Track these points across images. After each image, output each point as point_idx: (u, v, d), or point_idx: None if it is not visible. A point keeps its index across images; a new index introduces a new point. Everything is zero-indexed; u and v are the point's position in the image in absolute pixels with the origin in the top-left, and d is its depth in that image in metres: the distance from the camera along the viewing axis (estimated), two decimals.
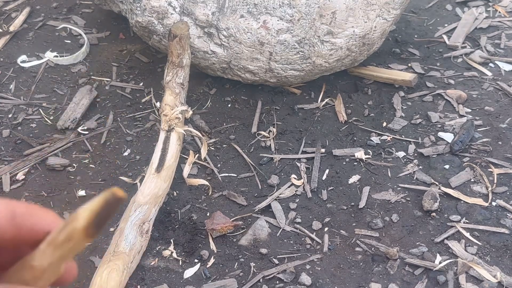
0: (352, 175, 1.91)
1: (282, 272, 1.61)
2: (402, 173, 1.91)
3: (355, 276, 1.60)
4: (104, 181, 1.91)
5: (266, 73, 2.09)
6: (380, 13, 2.07)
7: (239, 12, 1.99)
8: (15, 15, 2.74)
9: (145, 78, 2.36)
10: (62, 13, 2.78)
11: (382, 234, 1.72)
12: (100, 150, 2.03)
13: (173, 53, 1.97)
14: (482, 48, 2.47)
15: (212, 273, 1.62)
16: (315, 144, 2.03)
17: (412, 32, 2.62)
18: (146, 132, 2.10)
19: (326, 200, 1.83)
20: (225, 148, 2.03)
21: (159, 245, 1.70)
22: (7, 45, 2.56)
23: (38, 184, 1.90)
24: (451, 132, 2.05)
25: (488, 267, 1.60)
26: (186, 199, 1.84)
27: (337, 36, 2.02)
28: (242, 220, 1.77)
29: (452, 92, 2.23)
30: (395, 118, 2.12)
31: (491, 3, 2.78)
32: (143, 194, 1.70)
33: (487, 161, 1.93)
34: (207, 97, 2.24)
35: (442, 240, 1.69)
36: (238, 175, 1.93)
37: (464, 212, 1.77)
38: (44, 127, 2.13)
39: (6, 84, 2.34)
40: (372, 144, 2.02)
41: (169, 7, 2.05)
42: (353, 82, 2.32)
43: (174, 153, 1.83)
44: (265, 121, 2.14)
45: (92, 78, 2.37)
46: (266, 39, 1.98)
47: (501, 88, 2.26)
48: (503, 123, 2.09)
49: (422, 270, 1.61)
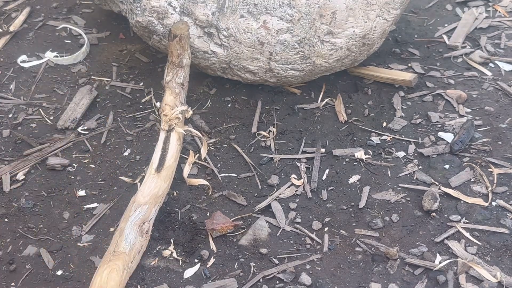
0: (352, 175, 1.91)
1: (282, 272, 1.61)
2: (402, 173, 1.91)
3: (355, 276, 1.60)
4: (104, 181, 1.91)
5: (266, 73, 2.09)
6: (380, 13, 2.07)
7: (239, 12, 1.99)
8: (15, 15, 2.75)
9: (145, 78, 2.36)
10: (62, 13, 2.78)
11: (382, 234, 1.72)
12: (100, 150, 2.03)
13: (173, 53, 1.97)
14: (482, 48, 2.47)
15: (212, 273, 1.62)
16: (315, 144, 2.03)
17: (412, 32, 2.62)
18: (146, 132, 2.10)
19: (326, 200, 1.83)
20: (225, 148, 2.03)
21: (159, 245, 1.70)
22: (7, 45, 2.56)
23: (38, 184, 1.90)
24: (451, 132, 2.05)
25: (488, 267, 1.60)
26: (186, 199, 1.84)
27: (337, 36, 2.02)
28: (242, 220, 1.77)
29: (452, 92, 2.23)
30: (395, 118, 2.12)
31: (491, 3, 2.78)
32: (143, 194, 1.70)
33: (487, 161, 1.93)
34: (207, 97, 2.24)
35: (442, 240, 1.69)
36: (238, 175, 1.93)
37: (464, 212, 1.77)
38: (44, 127, 2.13)
39: (6, 84, 2.34)
40: (372, 144, 2.02)
41: (169, 7, 2.05)
42: (353, 82, 2.32)
43: (174, 153, 1.83)
44: (265, 121, 2.14)
45: (92, 78, 2.37)
46: (266, 39, 1.98)
47: (501, 88, 2.26)
48: (503, 123, 2.09)
49: (422, 270, 1.61)
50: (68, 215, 1.79)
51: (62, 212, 1.80)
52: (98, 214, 1.79)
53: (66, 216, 1.79)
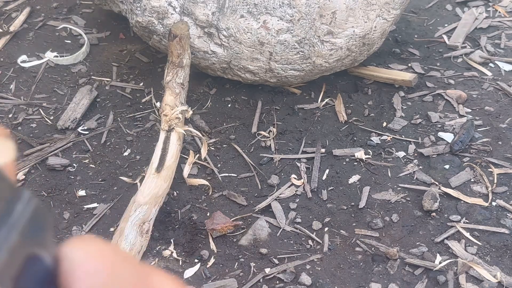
0: (352, 175, 1.91)
1: (282, 272, 1.61)
2: (402, 173, 1.91)
3: (355, 276, 1.60)
4: (104, 181, 1.91)
5: (266, 73, 2.09)
6: (380, 13, 2.07)
7: (239, 12, 1.99)
8: (15, 15, 2.75)
9: (145, 78, 2.36)
10: (62, 13, 2.78)
11: (382, 234, 1.72)
12: (100, 150, 2.03)
13: (173, 53, 1.97)
14: (482, 48, 2.47)
15: (212, 273, 1.62)
16: (315, 144, 2.03)
17: (412, 32, 2.62)
18: (146, 132, 2.10)
19: (326, 200, 1.83)
20: (225, 148, 2.03)
21: (159, 245, 1.70)
22: (7, 45, 2.56)
23: (38, 184, 1.90)
24: (451, 132, 2.05)
25: (488, 267, 1.60)
26: (186, 199, 1.84)
27: (337, 36, 2.02)
28: (242, 220, 1.77)
29: (452, 92, 2.23)
30: (395, 118, 2.12)
31: (491, 3, 2.78)
32: (143, 194, 1.70)
33: (487, 161, 1.93)
34: (207, 97, 2.24)
35: (442, 240, 1.69)
36: (238, 175, 1.93)
37: (464, 212, 1.77)
38: (44, 127, 2.13)
39: (6, 84, 2.34)
40: (372, 144, 2.02)
41: (169, 7, 2.05)
42: (353, 82, 2.32)
43: (174, 153, 1.83)
44: (265, 121, 2.14)
45: (92, 78, 2.37)
46: (266, 39, 1.98)
47: (501, 88, 2.26)
48: (503, 123, 2.09)
49: (422, 270, 1.61)
50: (68, 215, 1.79)
51: (62, 212, 1.80)
52: (98, 214, 1.79)
53: (66, 216, 1.79)
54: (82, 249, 0.31)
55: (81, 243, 0.31)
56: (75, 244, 0.31)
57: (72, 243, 0.31)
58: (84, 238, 0.32)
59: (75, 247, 0.31)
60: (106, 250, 0.31)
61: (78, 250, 0.31)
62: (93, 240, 0.32)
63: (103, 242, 0.32)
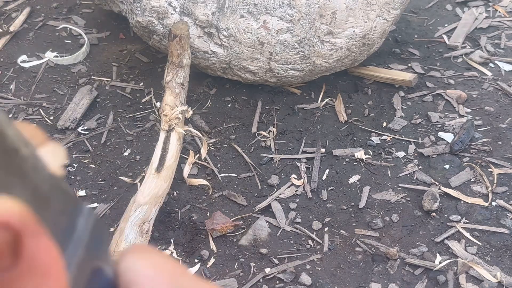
0: (352, 175, 1.91)
1: (282, 272, 1.61)
2: (402, 173, 1.91)
3: (355, 276, 1.60)
4: (104, 181, 1.91)
5: (266, 73, 2.09)
6: (380, 13, 2.07)
7: (239, 12, 1.99)
8: (15, 15, 2.74)
9: (145, 78, 2.36)
10: (62, 13, 2.78)
11: (382, 234, 1.72)
12: (100, 150, 2.03)
13: (173, 53, 1.97)
14: (482, 48, 2.47)
15: (212, 273, 1.62)
16: (315, 144, 2.03)
17: (412, 32, 2.62)
18: (146, 132, 2.10)
19: (326, 200, 1.83)
20: (225, 148, 2.03)
21: (159, 245, 1.70)
22: (7, 45, 2.56)
23: None
24: (451, 132, 2.05)
25: (488, 267, 1.60)
26: (186, 199, 1.84)
27: (337, 36, 2.02)
28: (242, 220, 1.77)
29: (452, 92, 2.23)
30: (395, 118, 2.12)
31: (491, 3, 2.78)
32: (143, 194, 1.70)
33: (487, 161, 1.93)
34: (207, 97, 2.24)
35: (442, 240, 1.69)
36: (238, 175, 1.93)
37: (464, 212, 1.77)
38: (44, 127, 2.13)
39: (6, 84, 2.34)
40: (372, 144, 2.02)
41: (169, 7, 2.05)
42: (353, 82, 2.32)
43: (174, 153, 1.83)
44: (265, 121, 2.14)
45: (92, 78, 2.37)
46: (266, 39, 1.98)
47: (501, 88, 2.26)
48: (503, 123, 2.09)
49: (422, 270, 1.61)
50: None
51: None
52: (98, 214, 1.79)
53: None
54: (143, 260, 0.31)
55: (141, 254, 0.31)
56: (135, 255, 0.31)
57: (132, 254, 0.31)
58: (141, 248, 0.32)
59: (136, 258, 0.31)
60: (166, 261, 0.31)
61: (139, 261, 0.31)
62: (151, 251, 0.31)
63: (161, 253, 0.32)
